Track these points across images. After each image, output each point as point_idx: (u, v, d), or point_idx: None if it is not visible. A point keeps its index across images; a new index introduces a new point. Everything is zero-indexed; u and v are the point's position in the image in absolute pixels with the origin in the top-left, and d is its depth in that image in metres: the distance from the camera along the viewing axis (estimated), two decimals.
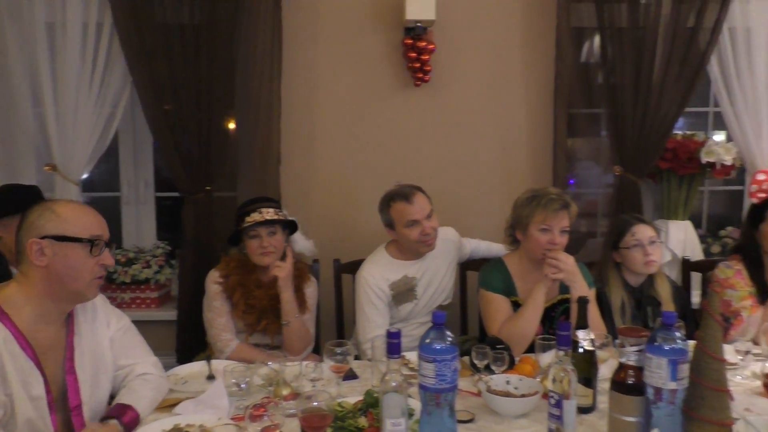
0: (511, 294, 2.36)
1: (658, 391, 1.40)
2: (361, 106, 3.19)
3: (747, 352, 2.02)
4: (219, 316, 2.43)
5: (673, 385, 1.39)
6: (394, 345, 1.43)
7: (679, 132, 3.32)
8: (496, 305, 2.32)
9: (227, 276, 2.45)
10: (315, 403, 1.48)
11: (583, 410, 1.70)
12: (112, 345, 1.79)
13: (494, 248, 2.80)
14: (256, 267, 2.44)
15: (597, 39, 3.14)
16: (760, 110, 3.16)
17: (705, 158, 3.09)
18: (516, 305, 2.33)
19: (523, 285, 2.36)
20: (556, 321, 2.36)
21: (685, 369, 1.40)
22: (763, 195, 2.45)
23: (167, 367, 2.05)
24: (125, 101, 3.00)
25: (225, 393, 1.77)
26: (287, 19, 3.01)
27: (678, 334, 1.41)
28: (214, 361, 2.16)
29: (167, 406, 1.79)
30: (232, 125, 3.10)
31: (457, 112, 3.22)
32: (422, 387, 1.43)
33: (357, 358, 2.38)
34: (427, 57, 3.02)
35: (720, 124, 3.40)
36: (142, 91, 2.90)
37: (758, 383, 1.88)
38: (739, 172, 3.43)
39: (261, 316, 2.44)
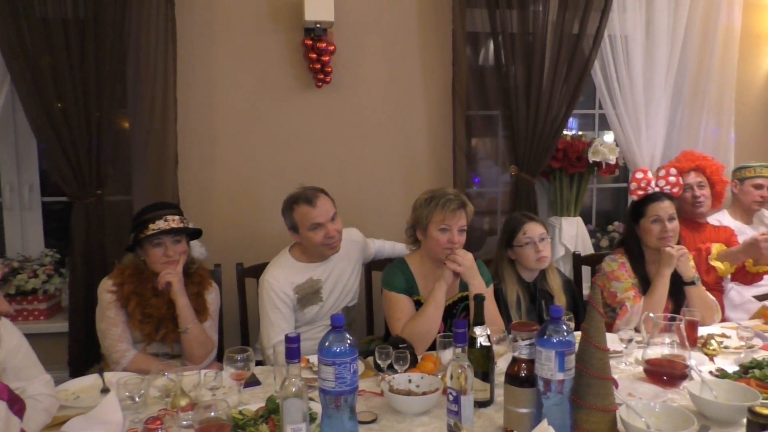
0: (414, 293, 2.40)
1: (547, 382, 1.48)
2: (261, 107, 3.14)
3: (630, 340, 2.16)
4: (113, 326, 2.32)
5: (560, 376, 1.47)
6: (293, 350, 1.42)
7: (570, 133, 3.52)
8: (399, 305, 2.36)
9: (121, 284, 2.34)
10: (213, 413, 1.44)
11: (481, 404, 1.76)
12: (3, 370, 1.66)
13: (398, 248, 2.84)
14: (153, 274, 2.35)
15: (491, 44, 3.25)
16: (638, 112, 3.39)
17: (592, 158, 3.29)
18: (419, 304, 2.37)
19: (425, 284, 2.40)
20: (457, 318, 2.42)
21: (571, 360, 1.48)
22: (642, 192, 2.62)
23: (59, 381, 1.94)
24: (4, 100, 2.80)
25: (118, 407, 1.69)
26: (181, 15, 2.91)
27: (565, 326, 1.49)
28: (107, 374, 2.07)
29: (56, 424, 1.69)
30: (124, 125, 2.96)
31: (358, 113, 3.24)
32: (322, 390, 1.43)
33: (261, 363, 2.35)
34: (327, 58, 3.02)
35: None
36: (21, 89, 2.71)
37: (640, 369, 2.01)
38: (623, 170, 3.68)
39: (159, 325, 2.35)
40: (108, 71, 2.79)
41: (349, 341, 1.43)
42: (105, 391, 1.96)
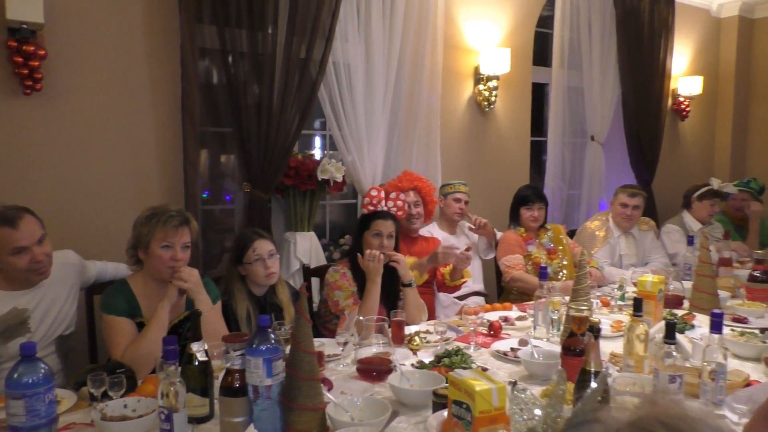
0: (137, 315, 2.30)
1: (256, 389, 1.55)
2: None
3: (346, 343, 2.35)
4: None
5: (269, 382, 1.55)
6: None
7: (309, 152, 3.69)
8: (119, 328, 2.24)
9: None
10: None
11: (200, 420, 1.76)
12: None
13: (122, 269, 2.68)
14: None
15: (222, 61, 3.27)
16: (360, 136, 3.71)
17: (321, 176, 3.50)
18: (142, 327, 2.28)
19: (148, 305, 2.31)
20: (184, 336, 2.39)
21: (279, 365, 1.57)
22: (372, 208, 2.87)
23: None
24: None
25: None
26: None
27: (273, 335, 1.57)
28: None
29: None
30: None
31: (78, 125, 3.00)
32: (11, 428, 1.31)
33: None
34: (37, 63, 2.75)
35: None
36: None
37: (354, 368, 2.20)
38: (351, 187, 3.97)
39: None
40: None
41: (43, 370, 1.33)
42: None
